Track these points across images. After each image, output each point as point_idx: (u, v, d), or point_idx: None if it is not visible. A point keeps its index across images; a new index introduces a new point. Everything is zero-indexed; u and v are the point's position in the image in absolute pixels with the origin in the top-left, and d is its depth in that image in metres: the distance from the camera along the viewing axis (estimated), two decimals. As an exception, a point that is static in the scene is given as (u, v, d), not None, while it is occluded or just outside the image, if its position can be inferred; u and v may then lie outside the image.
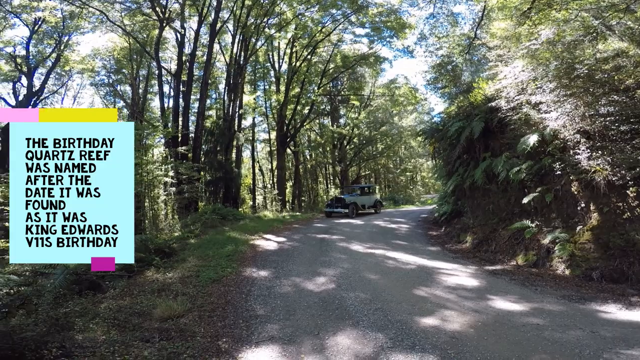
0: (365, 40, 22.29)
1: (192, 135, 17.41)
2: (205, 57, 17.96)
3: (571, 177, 6.14)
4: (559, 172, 6.23)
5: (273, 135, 25.60)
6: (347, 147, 28.44)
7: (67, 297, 4.56)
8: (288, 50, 22.69)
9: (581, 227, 5.83)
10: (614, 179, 5.38)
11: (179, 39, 17.42)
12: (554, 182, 6.53)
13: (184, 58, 17.17)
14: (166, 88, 21.02)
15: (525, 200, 6.85)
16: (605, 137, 5.76)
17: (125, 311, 4.17)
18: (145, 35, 19.15)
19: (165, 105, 19.32)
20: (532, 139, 6.71)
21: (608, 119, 5.46)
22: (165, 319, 3.92)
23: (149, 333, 3.60)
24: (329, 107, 27.64)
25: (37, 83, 18.21)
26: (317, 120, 28.44)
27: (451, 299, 4.75)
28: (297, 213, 18.97)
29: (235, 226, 11.38)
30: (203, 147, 18.04)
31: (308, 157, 29.62)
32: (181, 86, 16.59)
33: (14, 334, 2.93)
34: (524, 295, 4.88)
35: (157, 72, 18.39)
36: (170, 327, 3.76)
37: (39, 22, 16.16)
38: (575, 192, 6.14)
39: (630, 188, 5.26)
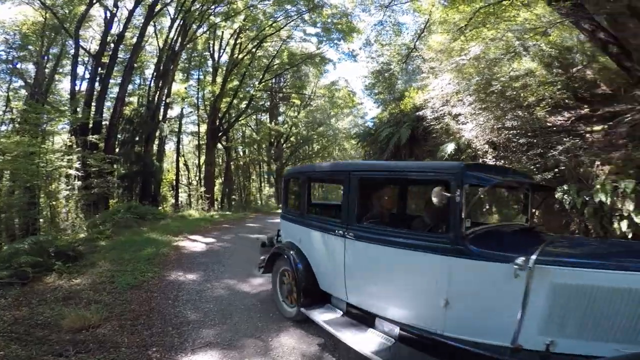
0: (315, 39, 22.69)
1: (107, 123, 15.81)
2: (135, 40, 16.60)
3: (480, 184, 7.18)
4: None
5: (203, 128, 24.42)
6: (284, 145, 28.50)
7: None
8: (232, 41, 21.88)
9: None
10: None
11: (108, 17, 15.81)
12: (466, 187, 7.55)
13: (109, 38, 15.65)
14: (81, 70, 18.74)
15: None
16: (508, 148, 6.89)
17: (24, 323, 3.70)
18: (67, 11, 16.82)
19: (78, 88, 17.25)
20: (450, 147, 7.66)
21: (511, 132, 6.54)
22: (78, 330, 3.55)
23: (61, 346, 3.24)
24: (269, 104, 27.41)
25: None
26: (255, 116, 27.95)
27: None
28: (227, 212, 18.42)
29: (156, 226, 10.68)
30: (119, 136, 16.46)
31: (241, 153, 28.94)
32: (100, 69, 15.02)
33: None
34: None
35: (73, 51, 16.37)
36: (86, 338, 3.42)
37: None
38: (482, 197, 7.28)
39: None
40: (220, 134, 22.42)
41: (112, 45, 15.78)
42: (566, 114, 6.87)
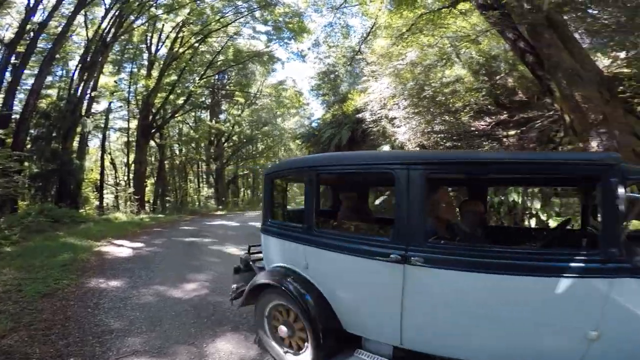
0: (264, 37, 22.54)
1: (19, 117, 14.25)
2: (60, 29, 15.25)
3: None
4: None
5: (134, 124, 22.91)
6: (225, 144, 27.87)
7: None
8: (173, 35, 20.84)
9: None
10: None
11: (32, 4, 14.22)
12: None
13: (28, 26, 14.05)
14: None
15: (377, 202, 8.24)
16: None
17: None
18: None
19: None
20: (385, 149, 8.18)
21: (439, 135, 7.22)
22: (-22, 342, 3.21)
23: (-43, 359, 2.91)
24: (210, 101, 26.58)
25: None
26: (194, 113, 26.93)
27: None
28: (160, 215, 17.54)
29: (75, 231, 9.99)
30: (32, 131, 14.89)
31: (177, 152, 27.68)
32: (14, 58, 13.52)
33: None
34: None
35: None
36: (-12, 350, 3.10)
37: None
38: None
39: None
40: (153, 130, 21.27)
41: (32, 33, 14.25)
42: (487, 119, 7.75)
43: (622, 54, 6.87)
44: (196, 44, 20.76)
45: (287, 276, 2.90)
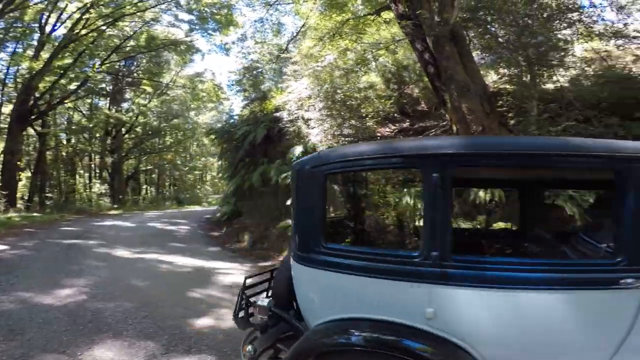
0: (186, 26, 21.14)
1: None
2: None
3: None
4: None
5: (9, 109, 19.59)
6: (127, 135, 25.60)
7: None
8: (77, 15, 18.19)
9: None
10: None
11: None
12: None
13: None
14: None
15: (288, 202, 8.43)
16: (343, 154, 8.01)
17: None
18: None
19: None
20: (298, 149, 8.37)
21: (347, 139, 7.65)
22: None
23: None
24: (112, 88, 24.02)
25: None
26: (89, 100, 24.05)
27: (226, 297, 5.12)
28: (36, 214, 15.33)
29: None
30: None
31: (65, 142, 24.41)
32: None
33: None
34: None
35: None
36: None
37: None
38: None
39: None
40: (33, 116, 18.58)
41: None
42: (392, 126, 8.47)
43: (507, 71, 7.73)
44: (103, 27, 18.69)
45: (385, 331, 1.86)
